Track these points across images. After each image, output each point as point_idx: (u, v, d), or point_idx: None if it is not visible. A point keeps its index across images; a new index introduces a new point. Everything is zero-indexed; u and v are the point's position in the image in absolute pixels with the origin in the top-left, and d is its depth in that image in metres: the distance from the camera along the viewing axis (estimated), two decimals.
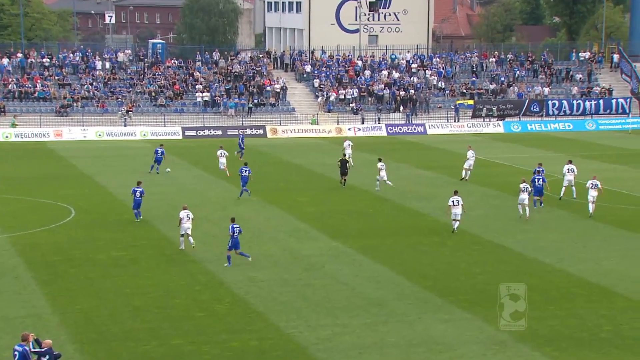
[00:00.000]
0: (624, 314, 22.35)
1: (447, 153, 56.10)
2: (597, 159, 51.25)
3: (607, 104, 73.27)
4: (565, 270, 26.56)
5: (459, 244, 30.41)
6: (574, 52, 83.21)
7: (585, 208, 36.08)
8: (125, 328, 21.90)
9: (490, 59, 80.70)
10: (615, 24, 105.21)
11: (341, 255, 29.09)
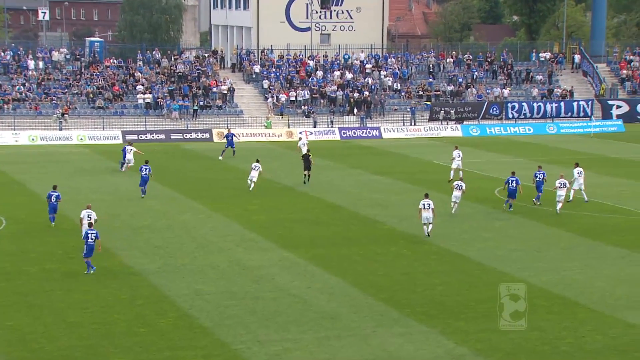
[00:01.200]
0: (586, 325, 22.70)
1: (403, 158, 56.47)
2: (559, 163, 51.98)
3: (568, 107, 74.47)
4: (526, 280, 26.88)
5: (416, 253, 30.61)
6: (534, 53, 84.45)
7: (546, 214, 36.59)
8: (60, 346, 21.61)
9: (448, 59, 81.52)
10: (576, 23, 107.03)
11: (292, 266, 29.08)
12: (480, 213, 37.39)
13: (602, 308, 23.88)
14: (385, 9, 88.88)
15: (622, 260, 29.22)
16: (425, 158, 55.77)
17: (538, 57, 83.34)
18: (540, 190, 38.72)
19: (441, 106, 72.93)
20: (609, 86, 78.72)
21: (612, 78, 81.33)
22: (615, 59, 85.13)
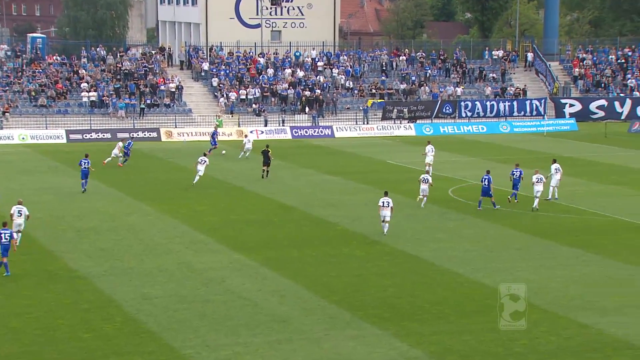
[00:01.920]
0: (540, 326, 22.96)
1: (356, 157, 56.61)
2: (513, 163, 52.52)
3: (521, 106, 75.34)
4: (480, 281, 27.12)
5: (369, 254, 30.70)
6: (487, 51, 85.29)
7: (501, 214, 36.97)
8: (2, 353, 21.24)
9: (401, 57, 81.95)
10: (529, 20, 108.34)
11: (243, 268, 28.99)
12: (434, 213, 37.64)
13: (556, 309, 24.18)
14: (337, 6, 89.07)
15: (576, 260, 29.63)
16: (378, 157, 55.99)
17: (491, 55, 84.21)
18: (516, 188, 39.32)
19: (394, 105, 73.30)
20: (562, 85, 79.82)
21: (564, 76, 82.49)
22: (568, 57, 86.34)
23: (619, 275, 27.48)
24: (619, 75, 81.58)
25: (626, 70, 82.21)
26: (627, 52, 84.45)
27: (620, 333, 22.30)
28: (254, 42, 79.80)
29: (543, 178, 38.25)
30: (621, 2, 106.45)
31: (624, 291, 25.77)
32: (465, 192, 42.86)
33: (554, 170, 40.39)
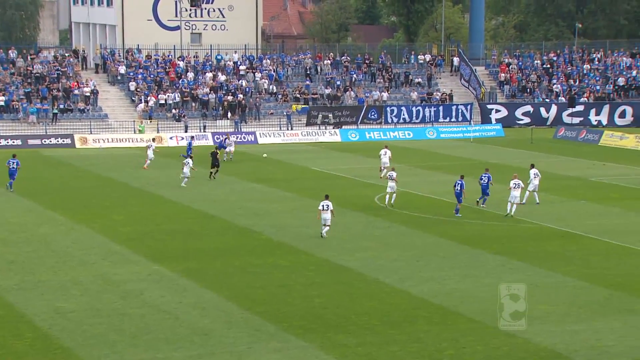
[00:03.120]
0: (467, 336, 23.28)
1: (280, 164, 56.63)
2: (440, 169, 53.28)
3: (447, 111, 76.42)
4: (406, 290, 27.38)
5: (294, 264, 30.74)
6: (412, 55, 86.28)
7: (428, 222, 37.41)
8: None
9: (325, 60, 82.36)
10: (454, 24, 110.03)
11: (162, 280, 28.73)
12: (360, 222, 37.90)
13: (483, 318, 24.54)
14: (259, 8, 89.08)
15: (502, 268, 30.14)
16: (302, 164, 56.13)
17: (417, 59, 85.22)
18: (486, 193, 40.27)
19: (319, 110, 73.59)
20: (488, 90, 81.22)
21: (490, 81, 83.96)
22: (493, 62, 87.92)
23: (545, 283, 28.05)
24: (544, 81, 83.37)
25: (551, 75, 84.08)
26: (552, 57, 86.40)
27: (547, 342, 22.76)
28: (173, 45, 79.26)
29: (521, 184, 39.26)
30: (545, 7, 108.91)
31: (549, 299, 26.31)
32: None
33: (532, 175, 41.59)
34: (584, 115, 77.04)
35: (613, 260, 31.01)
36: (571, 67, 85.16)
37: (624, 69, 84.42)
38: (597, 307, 25.31)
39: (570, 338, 22.91)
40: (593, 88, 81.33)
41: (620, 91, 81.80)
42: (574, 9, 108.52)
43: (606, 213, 39.80)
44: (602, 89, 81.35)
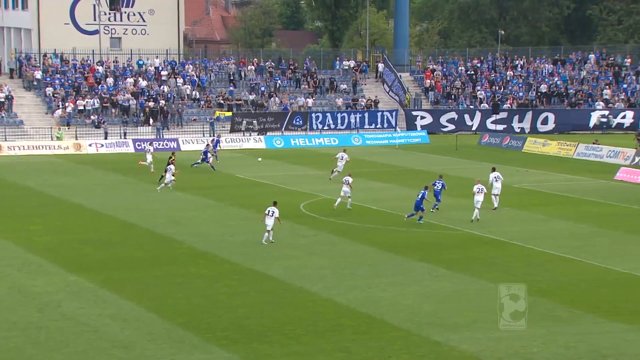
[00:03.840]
0: (393, 344, 23.43)
1: (204, 172, 56.29)
2: (365, 176, 53.54)
3: (372, 118, 76.99)
4: (332, 299, 27.44)
5: (217, 274, 30.57)
6: (337, 61, 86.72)
7: (353, 229, 37.59)
8: None
9: (249, 66, 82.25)
10: (379, 30, 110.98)
11: (81, 291, 28.28)
12: (285, 229, 37.86)
13: (409, 326, 24.74)
14: (181, 12, 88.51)
15: (428, 275, 30.43)
16: (226, 171, 55.88)
17: (342, 65, 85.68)
18: (438, 199, 40.98)
19: (243, 116, 73.41)
20: (413, 96, 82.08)
21: (415, 88, 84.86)
22: (418, 68, 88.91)
23: (470, 290, 28.41)
24: (468, 87, 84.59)
25: (475, 81, 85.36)
26: (476, 64, 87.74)
27: (472, 349, 23.04)
28: (92, 50, 78.24)
29: (484, 188, 39.90)
30: (469, 14, 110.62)
31: (475, 306, 26.65)
32: (317, 206, 43.35)
33: (493, 179, 42.33)
34: (508, 122, 78.39)
35: (536, 267, 31.57)
36: (495, 73, 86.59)
37: (546, 75, 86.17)
38: None
39: (495, 345, 23.23)
40: (516, 95, 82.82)
41: (543, 98, 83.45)
42: (496, 16, 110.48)
43: (529, 219, 40.51)
44: (525, 96, 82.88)
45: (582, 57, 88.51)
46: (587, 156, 63.31)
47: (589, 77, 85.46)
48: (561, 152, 65.50)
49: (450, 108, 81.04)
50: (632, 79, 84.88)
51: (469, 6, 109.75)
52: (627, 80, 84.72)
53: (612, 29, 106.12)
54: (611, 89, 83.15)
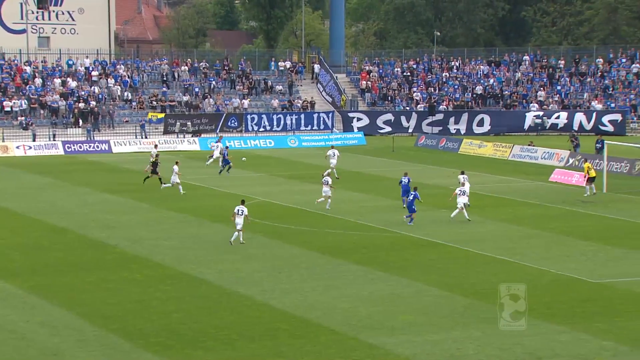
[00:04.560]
0: (329, 348, 23.50)
1: (136, 174, 55.83)
2: (301, 178, 53.64)
3: (309, 119, 77.12)
4: (267, 303, 27.41)
5: (150, 278, 30.33)
6: (273, 61, 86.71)
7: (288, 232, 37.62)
8: None
9: (183, 67, 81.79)
10: (315, 31, 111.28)
11: (8, 297, 27.81)
12: (219, 233, 37.74)
13: (345, 330, 24.82)
14: (112, 11, 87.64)
15: (364, 278, 30.57)
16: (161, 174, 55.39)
17: (277, 66, 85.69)
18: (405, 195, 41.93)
19: (176, 118, 72.95)
20: (349, 98, 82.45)
21: (352, 89, 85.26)
22: (354, 69, 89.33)
23: (406, 293, 28.61)
24: (404, 88, 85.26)
25: (411, 83, 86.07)
26: (412, 65, 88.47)
27: (408, 352, 23.22)
28: (19, 49, 76.98)
29: (467, 191, 40.76)
30: (404, 14, 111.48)
31: (410, 309, 26.85)
32: (253, 209, 43.24)
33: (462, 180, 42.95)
34: (444, 123, 79.19)
35: (473, 269, 31.93)
36: (431, 75, 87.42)
37: (482, 77, 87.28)
38: (458, 317, 25.98)
39: (431, 348, 23.44)
40: (452, 96, 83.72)
41: (479, 99, 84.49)
42: (432, 17, 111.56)
43: (466, 221, 40.94)
44: (461, 97, 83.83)
45: (516, 59, 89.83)
46: (522, 158, 64.23)
47: (524, 79, 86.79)
48: (497, 154, 66.37)
49: (387, 110, 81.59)
50: (565, 80, 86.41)
51: (404, 7, 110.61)
52: (561, 82, 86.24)
53: (546, 31, 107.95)
54: (545, 91, 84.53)
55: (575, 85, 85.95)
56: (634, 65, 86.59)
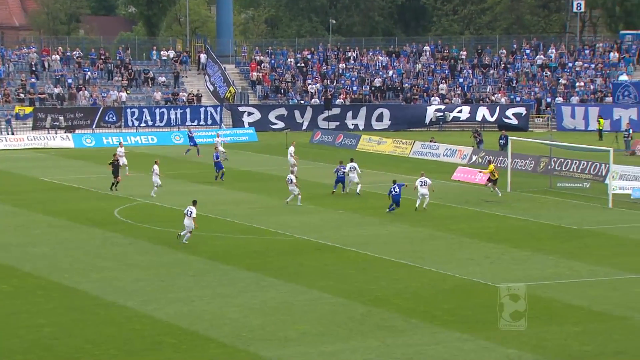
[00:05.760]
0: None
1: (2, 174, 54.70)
2: (186, 178, 53.31)
3: (195, 113, 76.68)
4: (150, 315, 27.16)
5: (18, 289, 29.74)
6: (154, 50, 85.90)
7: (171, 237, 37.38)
8: None
9: (54, 55, 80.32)
10: (200, 18, 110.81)
11: None
12: (96, 238, 37.24)
13: (235, 342, 24.79)
14: None
15: (256, 286, 30.58)
16: (29, 174, 54.42)
17: (159, 55, 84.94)
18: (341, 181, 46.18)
19: (47, 112, 71.57)
20: (239, 90, 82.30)
21: (242, 81, 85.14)
22: (244, 59, 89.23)
23: (301, 301, 28.74)
24: (299, 81, 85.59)
25: (306, 74, 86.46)
26: (307, 55, 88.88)
27: None
28: None
29: (428, 181, 43.40)
30: (298, 1, 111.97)
31: (305, 318, 26.97)
32: (133, 212, 42.81)
33: (349, 169, 46.22)
34: (341, 118, 79.83)
35: (372, 274, 32.26)
36: (326, 66, 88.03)
37: (380, 68, 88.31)
38: (355, 325, 26.22)
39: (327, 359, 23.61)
40: (349, 89, 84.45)
41: (377, 93, 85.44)
42: (327, 4, 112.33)
43: (364, 223, 41.36)
44: (358, 90, 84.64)
45: (417, 49, 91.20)
46: (423, 155, 65.25)
47: (425, 71, 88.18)
48: (397, 151, 67.24)
49: (280, 103, 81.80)
50: (468, 72, 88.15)
51: None
52: (464, 74, 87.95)
53: (447, 20, 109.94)
54: (447, 84, 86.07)
55: (478, 78, 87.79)
56: (538, 57, 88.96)
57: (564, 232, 39.82)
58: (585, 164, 54.49)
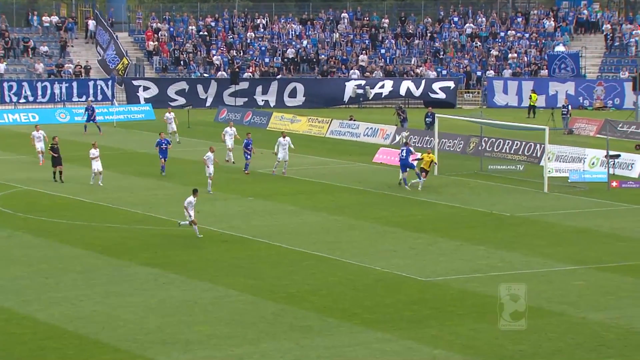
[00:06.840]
0: None
1: None
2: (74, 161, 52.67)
3: (83, 88, 75.78)
4: (32, 316, 26.87)
5: None
6: (35, 16, 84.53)
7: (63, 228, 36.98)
8: None
9: None
10: None
11: None
12: None
13: (130, 346, 24.64)
14: None
15: (154, 283, 30.44)
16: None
17: (41, 22, 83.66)
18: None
19: None
20: (134, 62, 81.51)
21: (136, 51, 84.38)
22: (139, 27, 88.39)
23: (204, 299, 28.68)
24: (201, 51, 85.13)
25: (209, 44, 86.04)
26: (210, 23, 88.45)
27: None
28: None
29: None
30: None
31: (210, 318, 26.93)
32: (12, 200, 42.21)
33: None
34: (249, 94, 79.71)
35: (284, 268, 32.33)
36: (233, 35, 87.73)
37: (293, 38, 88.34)
38: (265, 326, 26.25)
39: None
40: (259, 61, 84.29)
41: (290, 65, 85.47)
42: None
43: (277, 211, 41.41)
44: (270, 62, 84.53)
45: (333, 17, 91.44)
46: (342, 135, 65.53)
47: (342, 41, 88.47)
48: (312, 130, 67.42)
49: (180, 77, 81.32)
50: (391, 43, 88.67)
51: None
52: (386, 45, 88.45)
53: None
54: (368, 55, 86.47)
55: (402, 49, 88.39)
56: (467, 25, 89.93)
57: (496, 220, 40.39)
58: (518, 144, 55.30)
